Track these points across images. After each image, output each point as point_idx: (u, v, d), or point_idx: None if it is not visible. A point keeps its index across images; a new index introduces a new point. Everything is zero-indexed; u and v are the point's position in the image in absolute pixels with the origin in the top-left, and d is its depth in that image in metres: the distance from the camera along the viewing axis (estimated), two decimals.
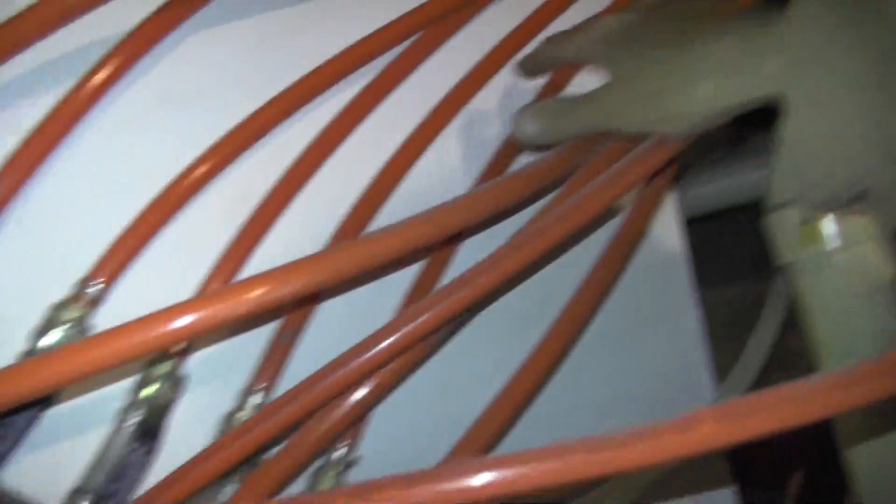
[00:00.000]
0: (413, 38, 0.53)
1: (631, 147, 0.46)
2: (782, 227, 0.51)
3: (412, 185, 0.52)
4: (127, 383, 0.42)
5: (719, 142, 0.84)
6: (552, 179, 0.47)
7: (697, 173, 0.72)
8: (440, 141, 0.54)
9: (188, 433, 0.43)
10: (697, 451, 0.26)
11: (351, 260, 0.37)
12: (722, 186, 0.71)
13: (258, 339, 0.46)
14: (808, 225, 0.49)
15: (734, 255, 0.90)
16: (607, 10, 0.60)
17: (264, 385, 0.45)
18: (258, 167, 0.47)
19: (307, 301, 0.47)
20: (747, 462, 0.71)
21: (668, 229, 0.61)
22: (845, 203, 0.46)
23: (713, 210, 0.73)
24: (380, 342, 0.39)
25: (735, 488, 0.63)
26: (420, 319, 0.39)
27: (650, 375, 0.59)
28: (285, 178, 0.48)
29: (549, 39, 0.53)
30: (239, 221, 0.46)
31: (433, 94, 0.54)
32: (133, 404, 0.42)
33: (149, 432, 0.41)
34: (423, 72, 0.54)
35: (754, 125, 0.69)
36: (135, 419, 0.41)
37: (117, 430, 0.41)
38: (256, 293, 0.33)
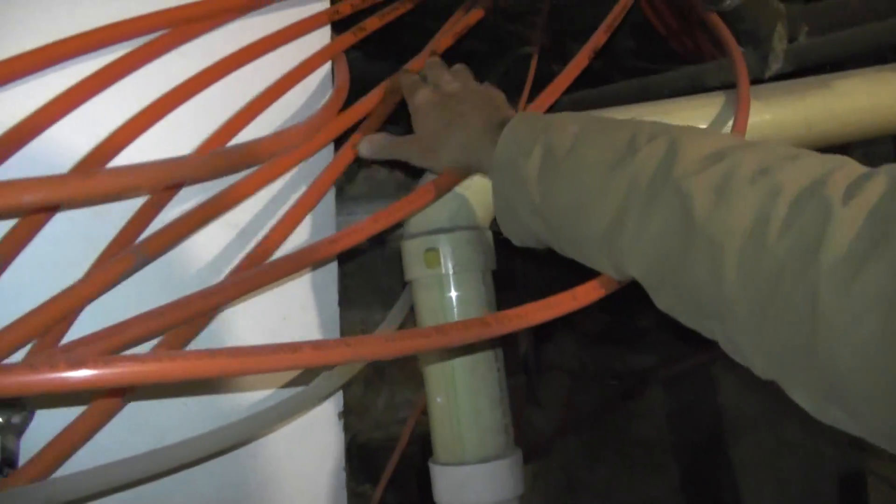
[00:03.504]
0: (160, 33, 0.67)
1: None
2: (412, 251, 0.74)
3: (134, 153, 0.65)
4: None
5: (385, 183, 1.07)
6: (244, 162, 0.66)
7: (356, 204, 0.94)
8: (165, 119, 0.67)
9: None
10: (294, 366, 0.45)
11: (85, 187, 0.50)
12: None
13: None
14: (432, 251, 0.72)
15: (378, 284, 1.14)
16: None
17: None
18: None
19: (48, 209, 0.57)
20: None
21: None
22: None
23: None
24: None
25: None
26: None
27: None
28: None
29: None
30: None
31: (167, 82, 0.68)
32: None
33: None
34: (162, 62, 0.68)
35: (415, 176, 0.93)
36: None
37: None
38: None
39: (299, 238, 0.74)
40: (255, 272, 0.60)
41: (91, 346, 0.51)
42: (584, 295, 0.62)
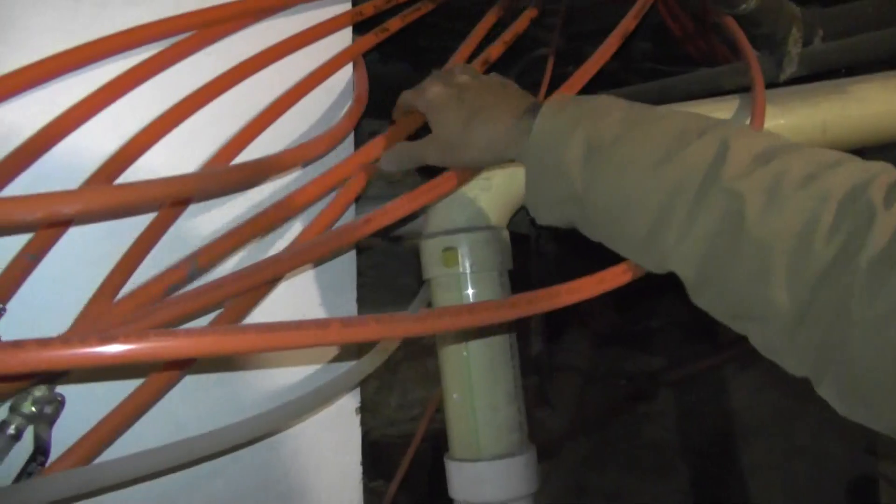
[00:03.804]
0: (184, 35, 0.68)
1: None
2: (431, 250, 0.76)
3: (155, 156, 0.66)
4: None
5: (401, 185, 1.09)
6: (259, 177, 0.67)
7: (375, 203, 0.96)
8: (187, 123, 0.69)
9: None
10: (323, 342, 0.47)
11: (98, 199, 0.52)
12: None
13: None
14: (450, 251, 0.74)
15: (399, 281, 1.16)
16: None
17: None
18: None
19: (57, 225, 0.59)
20: None
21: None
22: None
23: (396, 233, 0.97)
24: None
25: None
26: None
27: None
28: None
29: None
30: None
31: (190, 84, 0.69)
32: None
33: None
34: (185, 64, 0.69)
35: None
36: None
37: None
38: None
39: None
40: (309, 245, 0.63)
41: (152, 317, 0.52)
42: (612, 278, 0.63)
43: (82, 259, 0.60)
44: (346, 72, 0.80)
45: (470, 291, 0.75)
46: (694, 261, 0.53)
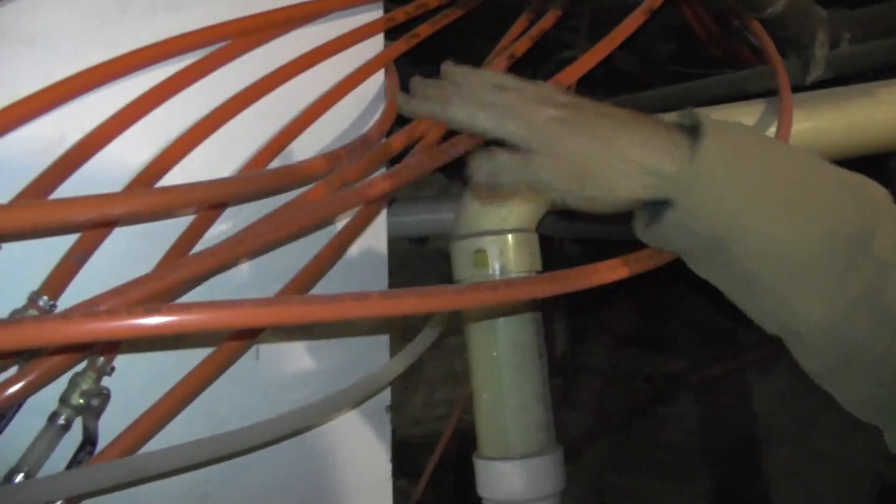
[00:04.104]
0: (221, 44, 0.71)
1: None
2: (462, 251, 0.78)
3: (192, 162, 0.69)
4: None
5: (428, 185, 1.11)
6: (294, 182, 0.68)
7: (405, 205, 0.98)
8: (223, 129, 0.71)
9: None
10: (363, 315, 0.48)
11: (144, 201, 0.55)
12: (425, 219, 0.98)
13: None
14: (481, 252, 0.76)
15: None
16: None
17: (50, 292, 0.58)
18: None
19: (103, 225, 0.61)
20: None
21: (376, 242, 0.83)
22: None
23: (414, 235, 0.99)
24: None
25: None
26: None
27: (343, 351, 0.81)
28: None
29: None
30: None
31: (226, 92, 0.71)
32: None
33: None
34: (222, 72, 0.71)
35: (457, 179, 0.96)
36: None
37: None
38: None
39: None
40: (334, 198, 0.65)
41: (183, 269, 0.55)
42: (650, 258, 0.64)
43: (125, 260, 0.62)
44: (379, 78, 0.82)
45: None
46: (830, 323, 0.53)
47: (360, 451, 0.78)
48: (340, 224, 0.75)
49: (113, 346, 0.60)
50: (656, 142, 0.53)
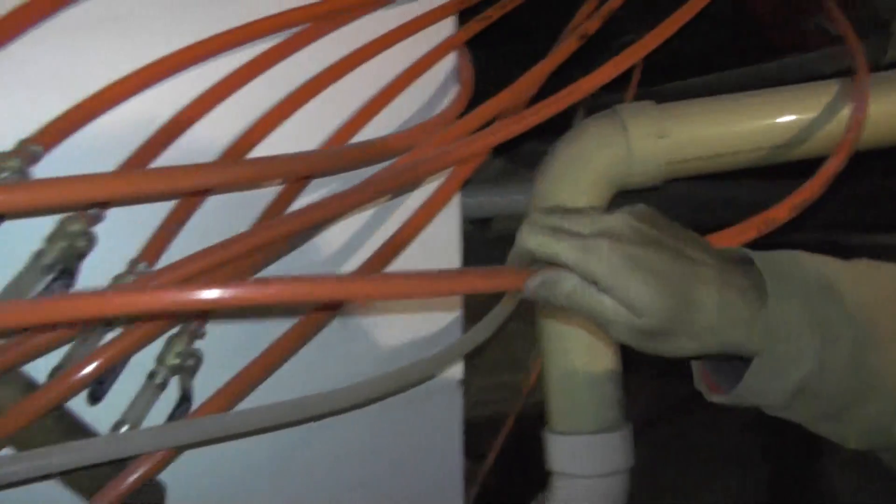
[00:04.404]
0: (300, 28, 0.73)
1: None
2: None
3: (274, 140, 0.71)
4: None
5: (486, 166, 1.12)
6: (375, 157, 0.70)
7: (473, 186, 1.00)
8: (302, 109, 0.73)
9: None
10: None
11: (235, 172, 0.57)
12: (497, 199, 0.99)
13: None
14: None
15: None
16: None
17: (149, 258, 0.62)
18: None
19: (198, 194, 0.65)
20: None
21: (449, 222, 0.85)
22: None
23: (485, 216, 1.00)
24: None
25: None
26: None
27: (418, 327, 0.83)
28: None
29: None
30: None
31: (303, 75, 0.74)
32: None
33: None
34: (302, 55, 0.74)
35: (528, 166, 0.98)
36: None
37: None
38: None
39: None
40: (413, 164, 0.68)
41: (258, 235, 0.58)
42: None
43: (217, 228, 0.64)
44: (451, 59, 0.84)
45: None
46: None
47: (433, 424, 0.80)
48: (415, 205, 0.78)
49: (204, 313, 0.63)
50: (729, 297, 0.49)
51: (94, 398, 0.58)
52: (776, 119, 0.83)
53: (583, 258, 0.48)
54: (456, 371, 0.81)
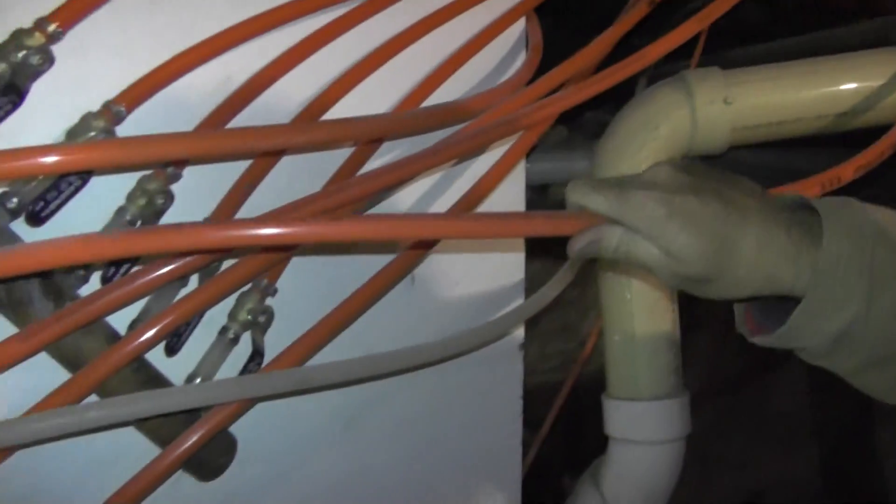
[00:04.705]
0: None
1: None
2: None
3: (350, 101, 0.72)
4: None
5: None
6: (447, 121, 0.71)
7: (542, 153, 1.00)
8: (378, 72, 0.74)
9: None
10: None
11: (310, 133, 0.59)
12: (559, 167, 1.00)
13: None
14: None
15: None
16: None
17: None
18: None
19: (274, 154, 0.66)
20: None
21: (514, 187, 0.86)
22: None
23: (547, 183, 1.01)
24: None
25: None
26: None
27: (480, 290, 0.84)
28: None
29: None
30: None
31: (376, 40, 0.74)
32: None
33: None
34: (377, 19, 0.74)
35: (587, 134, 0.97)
36: None
37: None
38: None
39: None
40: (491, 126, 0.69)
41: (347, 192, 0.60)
42: None
43: (289, 188, 0.66)
44: (520, 25, 0.84)
45: None
46: None
47: (494, 387, 0.81)
48: (481, 171, 0.78)
49: (276, 272, 0.65)
50: (772, 232, 0.50)
51: (171, 350, 0.60)
52: (841, 86, 0.81)
53: (621, 209, 0.50)
54: (517, 335, 0.82)
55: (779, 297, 0.52)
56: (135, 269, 0.58)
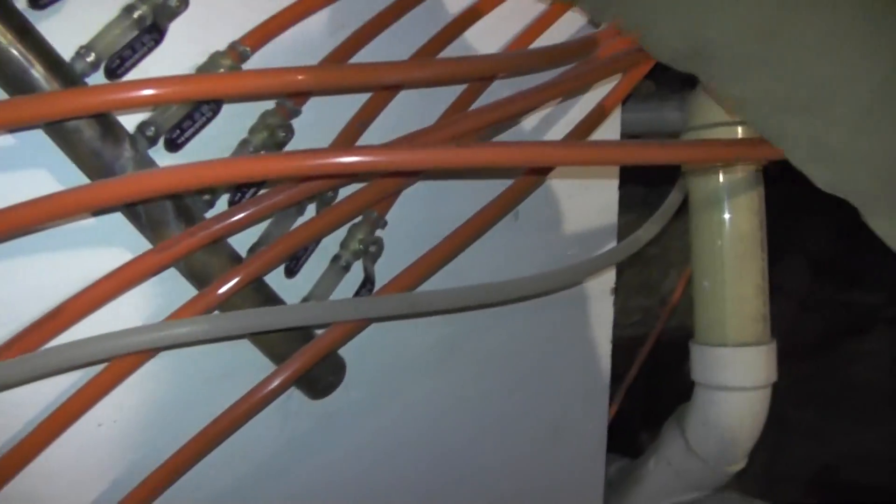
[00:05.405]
0: None
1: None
2: None
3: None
4: None
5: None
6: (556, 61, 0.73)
7: (636, 103, 1.01)
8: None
9: None
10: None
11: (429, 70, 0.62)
12: (652, 116, 1.01)
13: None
14: None
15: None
16: None
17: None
18: None
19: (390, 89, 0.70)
20: None
21: (611, 132, 0.87)
22: None
23: (639, 132, 1.02)
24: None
25: None
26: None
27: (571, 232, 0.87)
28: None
29: None
30: None
31: None
32: None
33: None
34: None
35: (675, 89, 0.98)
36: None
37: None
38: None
39: None
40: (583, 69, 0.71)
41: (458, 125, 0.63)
42: None
43: (406, 121, 0.69)
44: None
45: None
46: None
47: (586, 327, 0.84)
48: (578, 117, 0.80)
49: (385, 206, 0.69)
50: None
51: (290, 272, 0.65)
52: None
53: None
54: (609, 279, 0.85)
55: None
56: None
